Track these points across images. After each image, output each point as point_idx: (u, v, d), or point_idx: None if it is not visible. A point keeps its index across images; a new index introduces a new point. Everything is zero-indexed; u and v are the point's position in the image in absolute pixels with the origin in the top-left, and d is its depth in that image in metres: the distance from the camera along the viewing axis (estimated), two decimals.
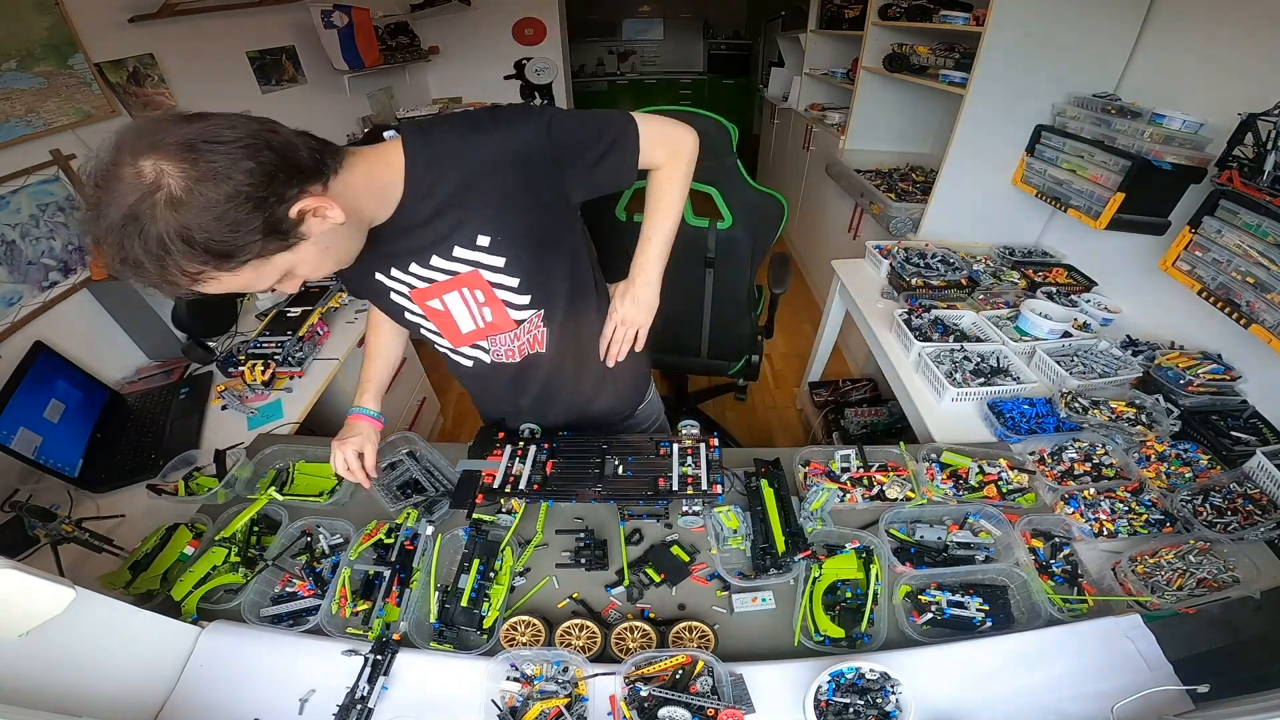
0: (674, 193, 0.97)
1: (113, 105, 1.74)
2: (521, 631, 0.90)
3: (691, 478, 1.02)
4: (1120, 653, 0.84)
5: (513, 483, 1.03)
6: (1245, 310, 1.22)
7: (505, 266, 0.87)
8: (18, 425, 1.17)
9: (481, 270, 0.86)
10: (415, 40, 3.62)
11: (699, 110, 1.44)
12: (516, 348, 1.01)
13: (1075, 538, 1.04)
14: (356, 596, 0.95)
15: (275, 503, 1.10)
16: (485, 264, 0.86)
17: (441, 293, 0.90)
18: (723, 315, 1.85)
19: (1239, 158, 1.24)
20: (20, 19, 1.47)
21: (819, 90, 3.86)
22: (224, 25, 2.27)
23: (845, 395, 2.52)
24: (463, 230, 0.82)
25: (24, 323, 1.44)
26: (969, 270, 1.89)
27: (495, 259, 0.85)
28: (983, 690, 0.82)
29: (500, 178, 0.79)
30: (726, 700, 0.76)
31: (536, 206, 0.84)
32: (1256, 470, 1.10)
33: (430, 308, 0.92)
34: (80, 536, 1.01)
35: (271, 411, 1.48)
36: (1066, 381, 1.39)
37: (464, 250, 0.84)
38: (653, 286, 1.00)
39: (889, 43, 2.63)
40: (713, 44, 7.16)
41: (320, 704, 0.81)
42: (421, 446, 1.23)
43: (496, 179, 0.79)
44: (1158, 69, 1.68)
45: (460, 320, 0.95)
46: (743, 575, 0.97)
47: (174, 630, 0.86)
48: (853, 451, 1.22)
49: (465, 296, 0.91)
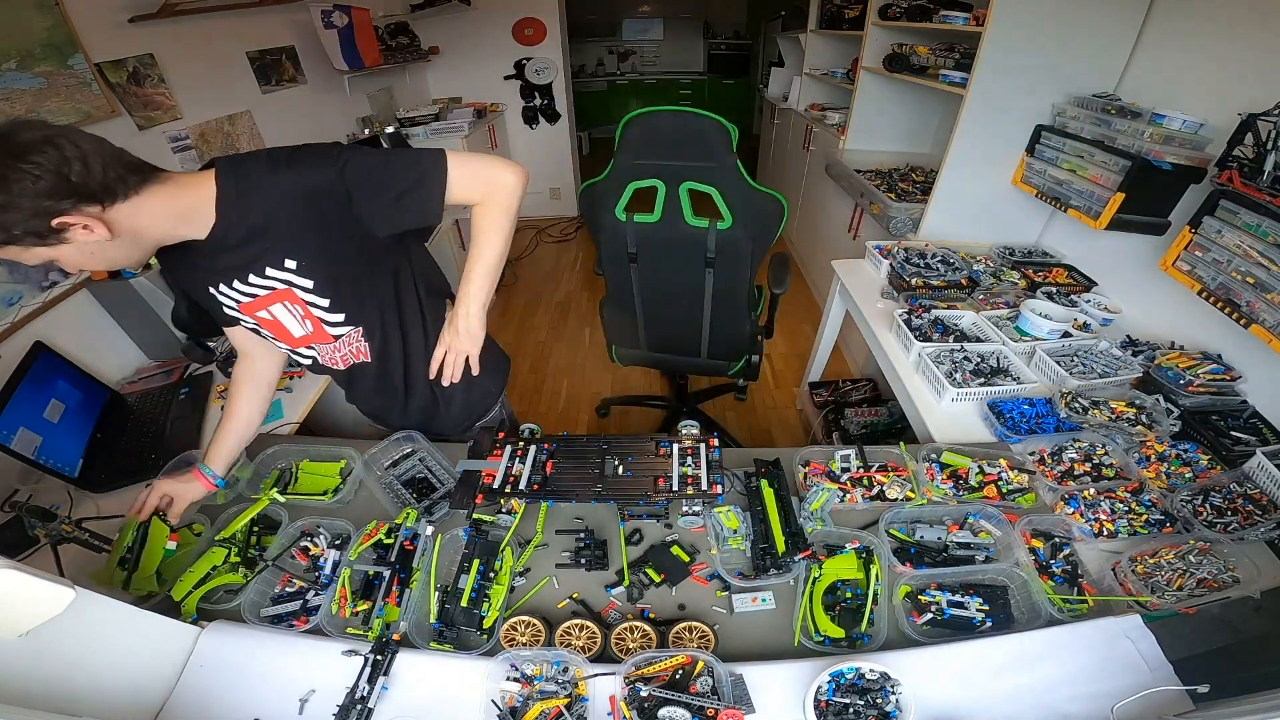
0: (491, 228, 0.99)
1: (113, 105, 1.74)
2: (521, 632, 0.90)
3: (691, 478, 1.03)
4: (1120, 653, 0.84)
5: (513, 483, 1.03)
6: (1245, 310, 1.22)
7: (315, 287, 0.96)
8: (18, 425, 1.17)
9: (294, 289, 0.95)
10: (415, 40, 3.62)
11: (699, 110, 1.45)
12: (339, 357, 1.11)
13: (1075, 538, 1.04)
14: (356, 596, 0.95)
15: (275, 503, 1.10)
16: (296, 284, 0.95)
17: (267, 304, 0.98)
18: (722, 315, 1.85)
19: (1239, 158, 1.24)
20: (20, 19, 1.47)
21: (819, 90, 3.86)
22: (224, 25, 2.27)
23: (845, 395, 2.52)
24: (272, 254, 0.91)
25: (24, 323, 1.44)
26: (969, 270, 1.89)
27: (304, 280, 0.94)
28: (983, 690, 0.82)
29: (297, 211, 0.87)
30: (726, 700, 0.76)
31: (338, 237, 0.92)
32: (1256, 470, 1.10)
33: (260, 317, 1.01)
34: (80, 536, 1.01)
35: (271, 412, 1.48)
36: (1066, 381, 1.39)
37: (274, 270, 0.92)
38: (475, 317, 1.04)
39: (889, 43, 2.63)
40: (713, 44, 7.17)
41: (320, 704, 0.81)
42: (424, 446, 1.23)
43: (295, 211, 0.87)
44: (1158, 69, 1.68)
45: (290, 327, 1.03)
46: (743, 575, 0.97)
47: (174, 630, 0.86)
48: (853, 451, 1.22)
49: (288, 308, 0.99)
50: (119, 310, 1.64)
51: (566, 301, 3.85)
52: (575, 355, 3.28)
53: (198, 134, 2.12)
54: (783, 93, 4.41)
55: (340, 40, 2.74)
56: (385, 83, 3.53)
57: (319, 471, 1.22)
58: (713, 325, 1.89)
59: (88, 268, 0.81)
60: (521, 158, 4.81)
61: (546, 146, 4.78)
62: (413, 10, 3.71)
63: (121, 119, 1.80)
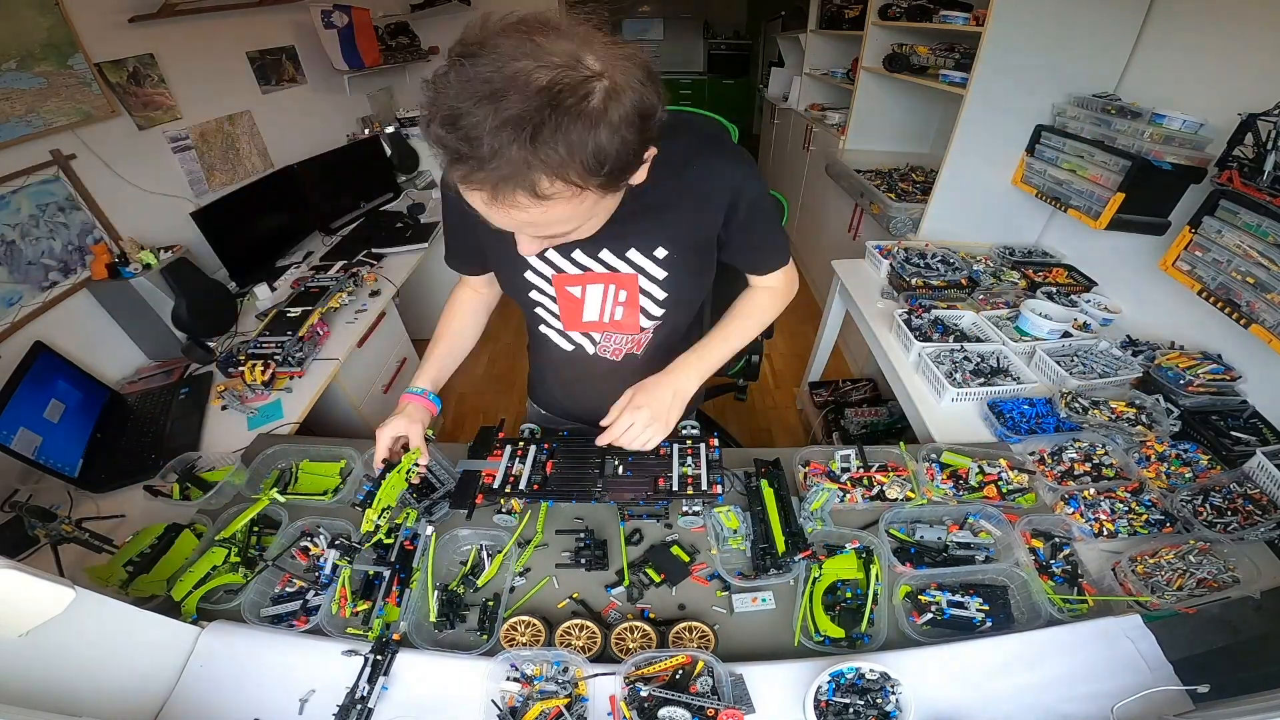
0: (758, 316, 1.03)
1: (113, 105, 1.74)
2: (521, 631, 0.90)
3: (691, 478, 1.02)
4: (1120, 653, 0.84)
5: (513, 483, 1.03)
6: (1245, 310, 1.22)
7: (663, 281, 0.90)
8: (18, 425, 1.17)
9: (642, 277, 0.90)
10: (415, 40, 3.62)
11: (699, 110, 1.44)
12: (623, 348, 1.03)
13: (1075, 538, 1.04)
14: (356, 596, 0.95)
15: (275, 503, 1.10)
16: (649, 273, 0.89)
17: (587, 282, 0.91)
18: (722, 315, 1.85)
19: (1239, 158, 1.24)
20: (20, 19, 1.47)
21: (819, 90, 3.86)
22: (224, 25, 2.27)
23: (845, 395, 2.52)
24: (648, 237, 0.85)
25: (24, 323, 1.44)
26: (969, 270, 1.89)
27: (660, 272, 0.89)
28: (983, 690, 0.82)
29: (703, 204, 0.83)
30: (726, 700, 0.76)
31: (707, 243, 0.90)
32: (1256, 470, 1.10)
33: (566, 292, 0.92)
34: (80, 536, 1.01)
35: (271, 412, 1.48)
36: (1066, 381, 1.39)
37: (638, 255, 0.87)
38: (684, 395, 0.93)
39: (889, 43, 2.63)
40: (713, 44, 7.17)
41: (320, 704, 0.81)
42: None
43: (701, 204, 0.82)
44: (1158, 69, 1.68)
45: (588, 310, 0.95)
46: (743, 575, 0.97)
47: (174, 630, 0.86)
48: (853, 451, 1.22)
49: (608, 292, 0.92)
50: (119, 310, 1.65)
51: None
52: None
53: (198, 134, 2.12)
54: (783, 93, 4.41)
55: (340, 40, 2.74)
56: (385, 83, 3.53)
57: (319, 471, 1.22)
58: (712, 325, 1.89)
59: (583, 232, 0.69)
60: None
61: None
62: (413, 10, 3.71)
63: (121, 119, 1.80)
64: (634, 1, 7.08)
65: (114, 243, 1.70)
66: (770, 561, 0.96)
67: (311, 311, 1.74)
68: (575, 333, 1.01)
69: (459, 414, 2.84)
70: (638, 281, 0.90)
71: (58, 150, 1.57)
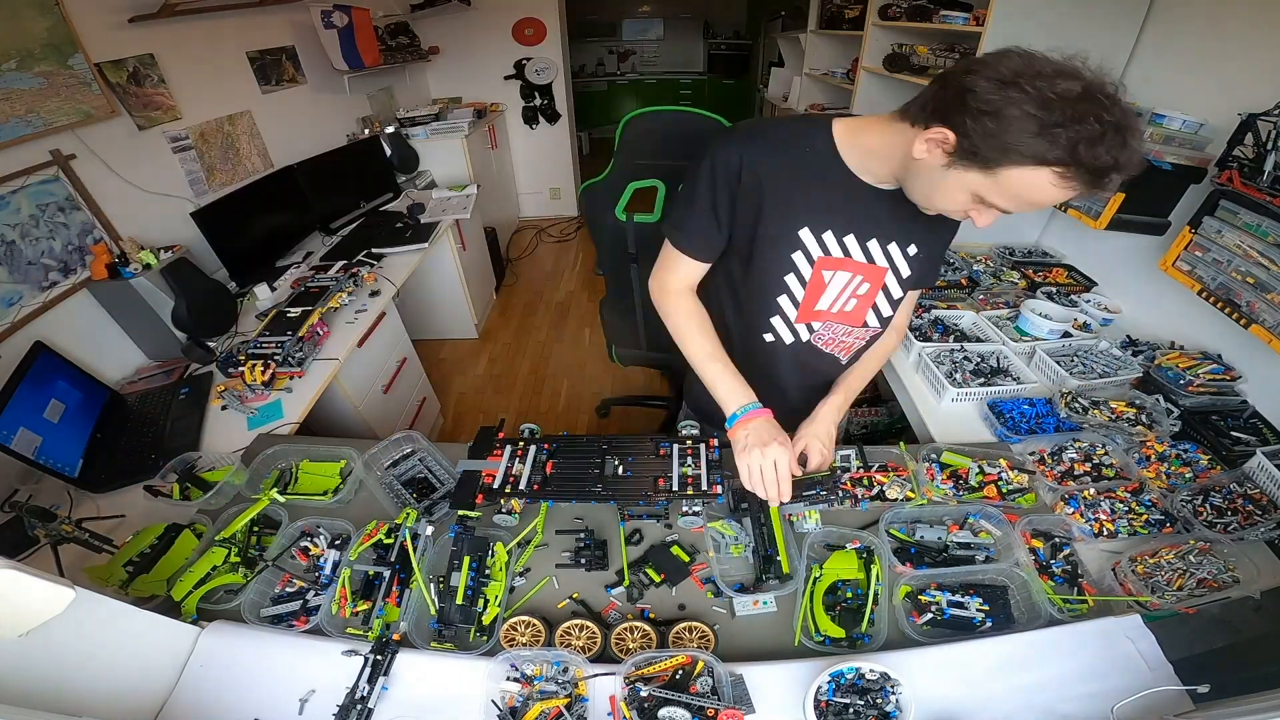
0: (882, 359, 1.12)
1: (113, 105, 1.74)
2: (521, 632, 0.90)
3: (691, 478, 1.02)
4: (1120, 653, 0.84)
5: (513, 483, 1.03)
6: (1245, 310, 1.22)
7: (906, 281, 0.95)
8: (18, 425, 1.17)
9: (889, 273, 0.93)
10: (415, 40, 3.63)
11: (699, 110, 1.44)
12: (835, 342, 1.05)
13: (1075, 538, 1.04)
14: (356, 596, 0.95)
15: (275, 503, 1.10)
16: (898, 270, 0.93)
17: (839, 268, 0.93)
18: None
19: (1239, 158, 1.24)
20: (20, 19, 1.47)
21: (819, 90, 3.86)
22: (224, 25, 2.27)
23: None
24: (908, 234, 0.89)
25: (24, 323, 1.44)
26: (969, 270, 1.89)
27: (907, 271, 0.93)
28: (983, 690, 0.82)
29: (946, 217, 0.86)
30: (726, 700, 0.76)
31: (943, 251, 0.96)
32: (1256, 470, 1.10)
33: (820, 276, 0.94)
34: (80, 537, 1.01)
35: (271, 412, 1.48)
36: (1066, 382, 1.39)
37: (895, 250, 0.90)
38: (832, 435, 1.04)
39: (889, 43, 2.63)
40: (713, 44, 7.17)
41: (320, 704, 0.81)
42: (423, 446, 1.23)
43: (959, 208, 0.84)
44: (1158, 69, 1.68)
45: (826, 297, 0.97)
46: (743, 589, 0.96)
47: (174, 630, 0.86)
48: (853, 451, 1.22)
49: (852, 282, 0.95)
50: (119, 310, 1.64)
51: (566, 301, 3.85)
52: (575, 355, 3.28)
53: (198, 134, 2.12)
54: (783, 93, 4.41)
55: (340, 40, 2.74)
56: (385, 83, 3.53)
57: (319, 471, 1.22)
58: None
59: None
60: (521, 158, 4.82)
61: (547, 147, 4.78)
62: (413, 10, 3.71)
63: (121, 119, 1.80)
64: (634, 1, 7.09)
65: (114, 243, 1.70)
66: (773, 573, 0.95)
67: (311, 311, 1.74)
68: (801, 323, 1.01)
69: (459, 414, 2.84)
70: (885, 277, 0.94)
71: (58, 150, 1.57)
